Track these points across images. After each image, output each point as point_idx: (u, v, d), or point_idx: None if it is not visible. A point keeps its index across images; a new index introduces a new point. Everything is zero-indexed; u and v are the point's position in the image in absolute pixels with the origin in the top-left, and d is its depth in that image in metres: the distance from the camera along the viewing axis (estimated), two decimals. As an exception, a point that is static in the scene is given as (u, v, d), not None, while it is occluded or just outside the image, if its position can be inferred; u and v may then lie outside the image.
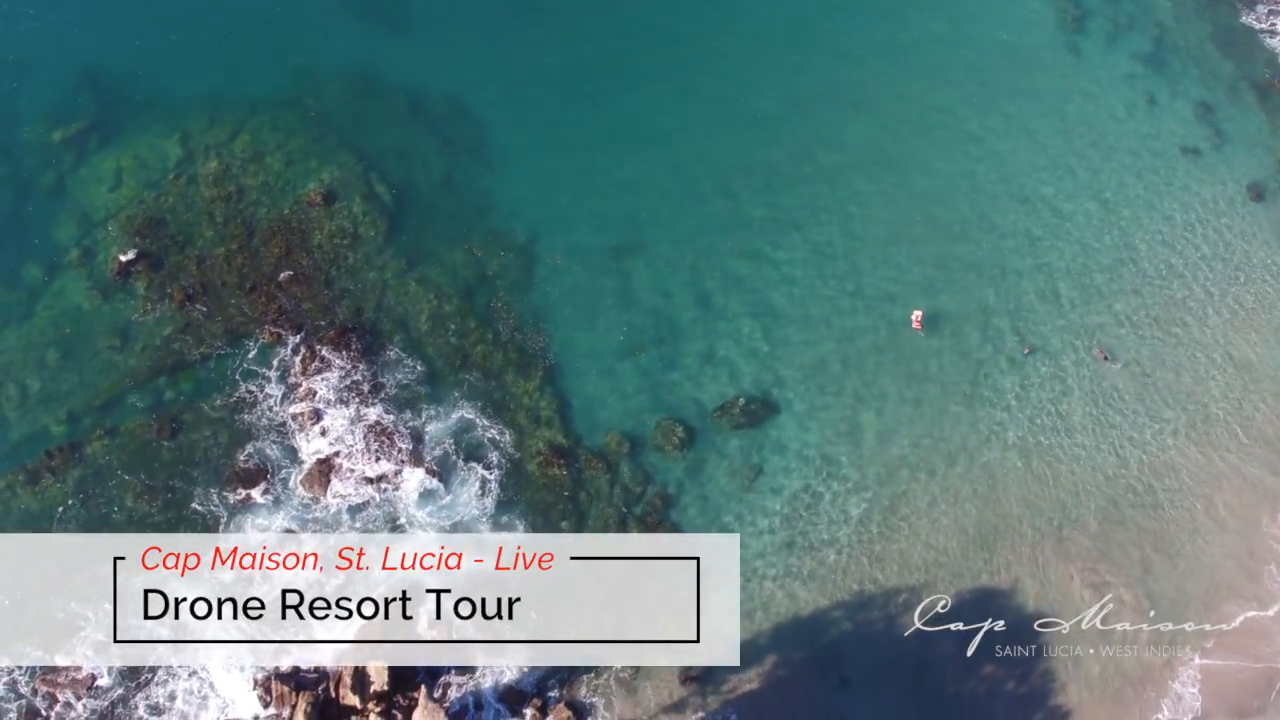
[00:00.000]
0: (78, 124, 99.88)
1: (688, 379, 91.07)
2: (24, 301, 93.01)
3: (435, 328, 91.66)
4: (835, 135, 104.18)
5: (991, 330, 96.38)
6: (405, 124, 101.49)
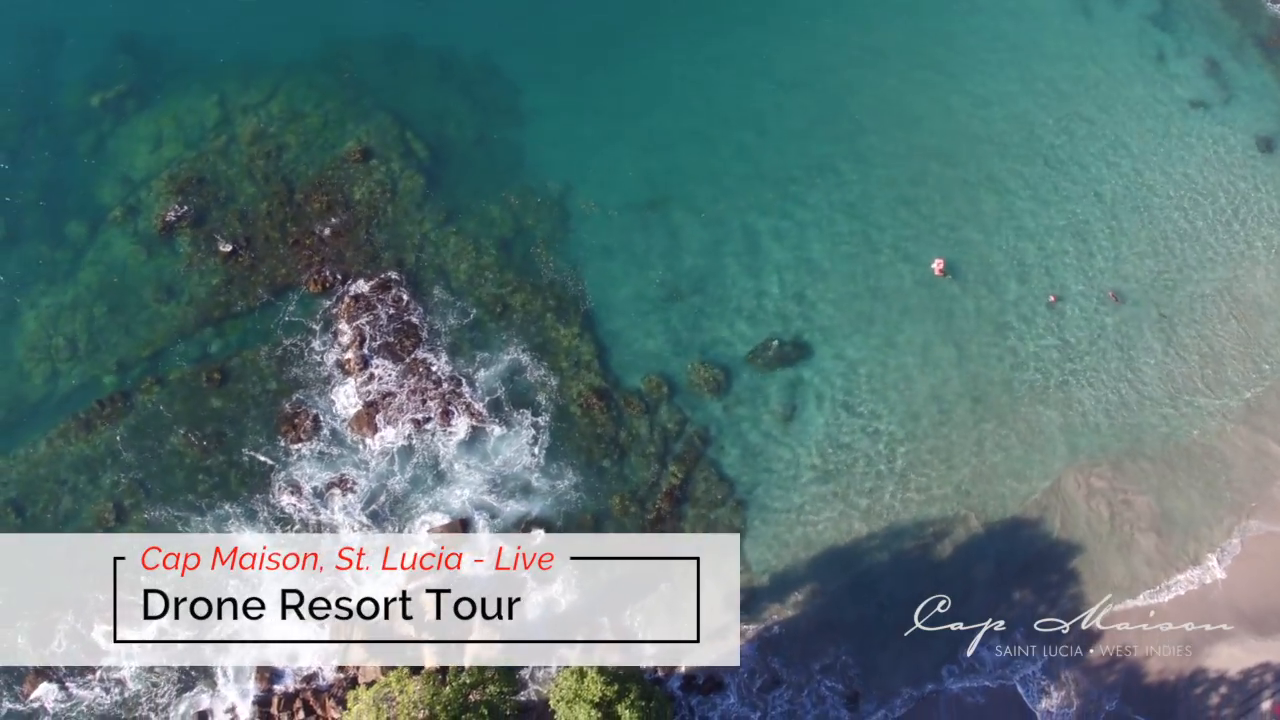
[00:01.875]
0: (116, 88, 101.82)
1: (721, 323, 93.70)
2: (69, 259, 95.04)
3: (475, 277, 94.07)
4: (853, 95, 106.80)
5: (1011, 277, 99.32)
6: (437, 85, 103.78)
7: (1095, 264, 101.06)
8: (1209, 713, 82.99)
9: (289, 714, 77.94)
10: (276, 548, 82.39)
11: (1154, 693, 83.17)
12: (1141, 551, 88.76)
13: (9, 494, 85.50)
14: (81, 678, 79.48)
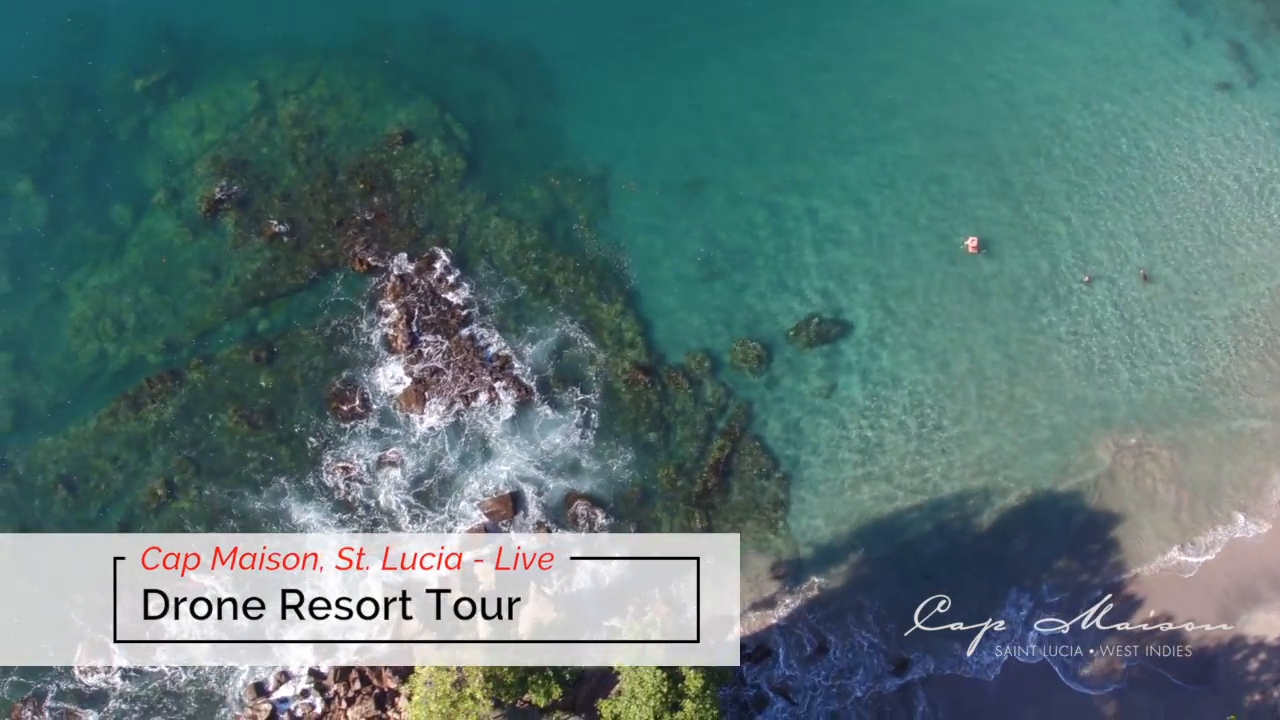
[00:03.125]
0: (157, 73, 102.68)
1: (761, 301, 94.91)
2: (114, 241, 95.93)
3: (518, 256, 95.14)
4: (885, 77, 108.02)
5: (1044, 255, 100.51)
6: (476, 68, 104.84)
7: (1127, 243, 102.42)
8: (1248, 678, 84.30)
9: (345, 685, 78.83)
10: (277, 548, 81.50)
11: (1193, 660, 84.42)
12: (1174, 516, 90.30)
13: (60, 471, 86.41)
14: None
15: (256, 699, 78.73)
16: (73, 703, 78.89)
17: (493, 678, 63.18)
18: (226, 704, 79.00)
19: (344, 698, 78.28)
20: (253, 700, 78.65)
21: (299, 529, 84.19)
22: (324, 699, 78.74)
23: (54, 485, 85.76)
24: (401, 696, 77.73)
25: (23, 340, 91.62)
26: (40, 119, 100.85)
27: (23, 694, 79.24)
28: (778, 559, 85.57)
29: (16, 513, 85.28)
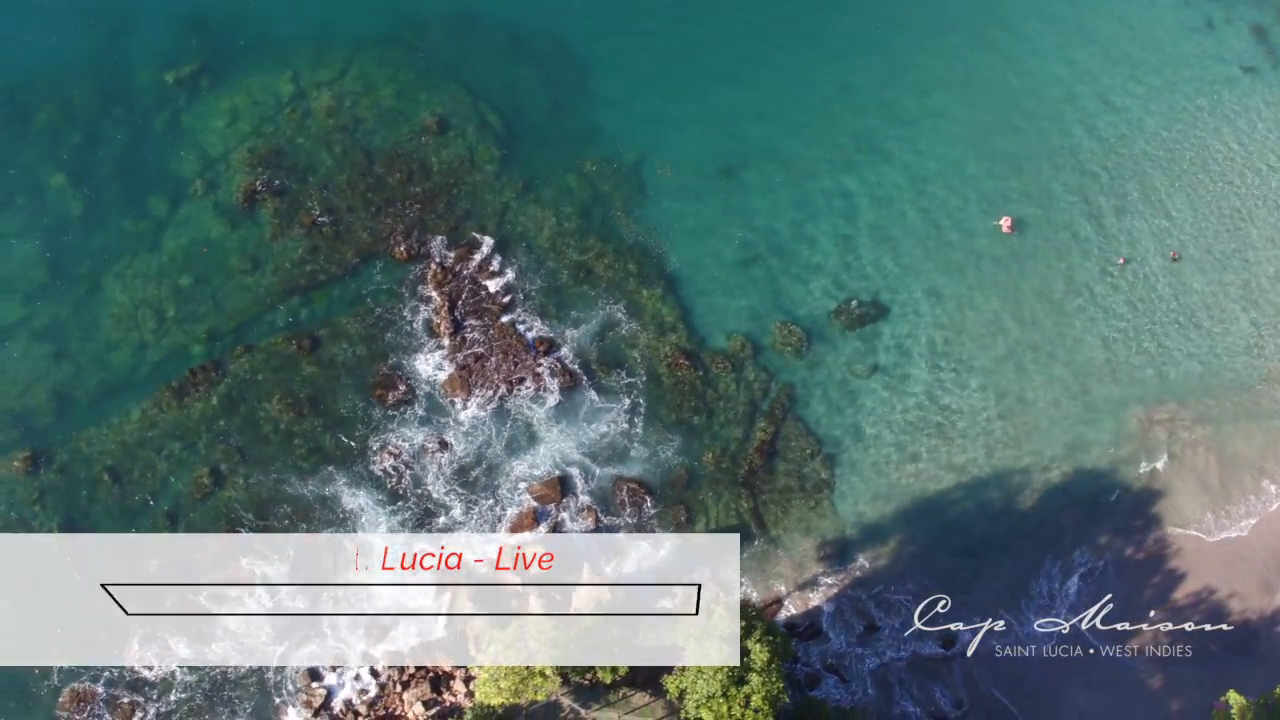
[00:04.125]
0: (189, 66, 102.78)
1: (800, 284, 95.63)
2: (151, 232, 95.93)
3: (557, 243, 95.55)
4: (918, 58, 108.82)
5: (1077, 234, 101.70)
6: (508, 58, 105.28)
7: (1157, 223, 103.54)
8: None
9: (398, 669, 78.96)
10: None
11: (1235, 632, 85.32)
12: (1207, 488, 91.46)
13: (105, 462, 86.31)
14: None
15: (311, 684, 78.78)
16: (129, 691, 78.77)
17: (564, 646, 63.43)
18: (282, 690, 79.03)
19: (398, 681, 78.41)
20: (307, 685, 78.71)
21: (348, 515, 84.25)
22: (378, 683, 78.82)
23: (100, 476, 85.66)
24: (457, 679, 78.01)
25: (62, 332, 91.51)
26: (72, 113, 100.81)
27: (75, 681, 79.18)
28: (824, 539, 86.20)
29: (63, 503, 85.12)
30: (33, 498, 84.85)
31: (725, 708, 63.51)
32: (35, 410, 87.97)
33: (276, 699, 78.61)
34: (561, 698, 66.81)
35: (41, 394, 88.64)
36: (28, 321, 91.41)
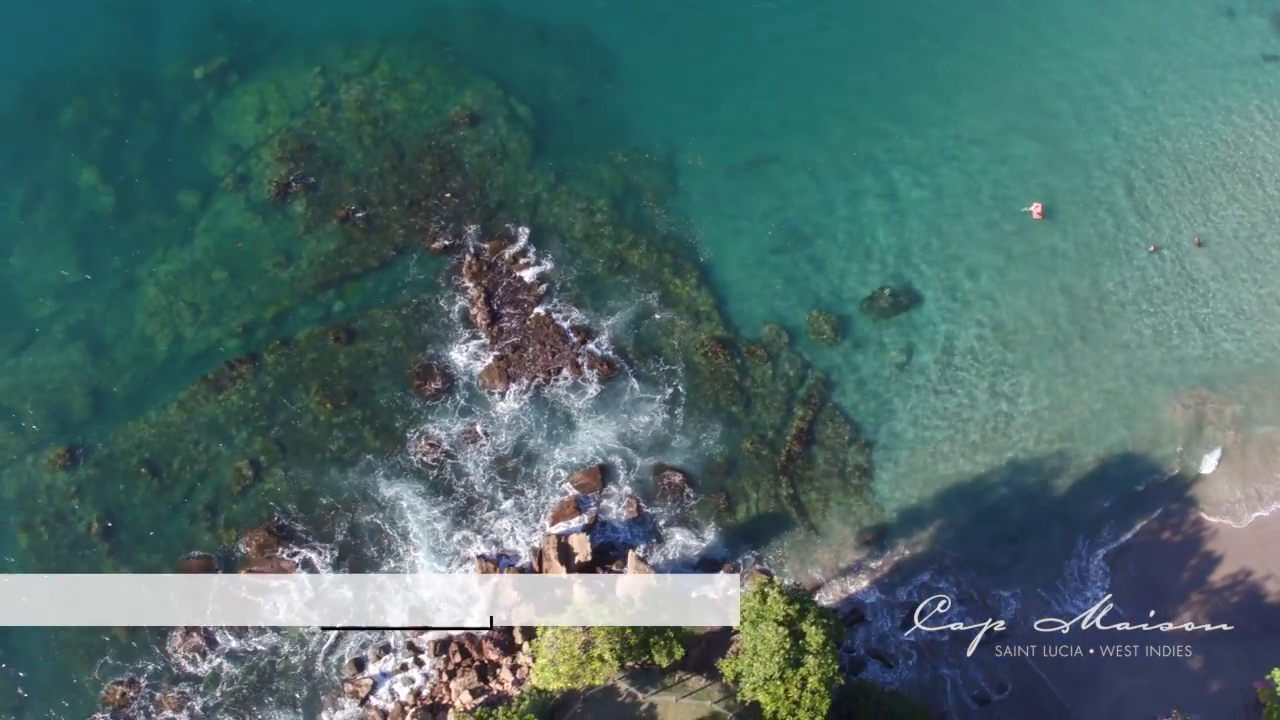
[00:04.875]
0: (217, 60, 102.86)
1: (833, 273, 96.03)
2: (183, 227, 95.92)
3: (591, 234, 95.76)
4: (947, 52, 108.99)
5: (1107, 220, 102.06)
6: (536, 51, 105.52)
7: (1184, 211, 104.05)
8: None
9: (444, 659, 79.04)
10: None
11: (1275, 609, 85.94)
12: (1241, 469, 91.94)
13: (143, 456, 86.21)
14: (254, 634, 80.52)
15: (357, 674, 78.76)
16: (173, 684, 78.67)
17: (620, 639, 63.63)
18: (328, 681, 78.99)
19: (444, 671, 78.44)
20: (353, 675, 78.68)
21: (389, 506, 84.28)
22: (423, 673, 78.85)
23: (138, 470, 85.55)
24: (503, 668, 78.08)
25: (96, 327, 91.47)
26: (100, 108, 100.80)
27: (118, 676, 79.04)
28: (863, 525, 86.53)
29: (101, 498, 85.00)
30: (70, 493, 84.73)
31: (782, 690, 63.73)
32: (71, 405, 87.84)
33: (323, 690, 78.61)
34: (618, 682, 66.96)
35: (77, 389, 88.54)
36: (61, 317, 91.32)
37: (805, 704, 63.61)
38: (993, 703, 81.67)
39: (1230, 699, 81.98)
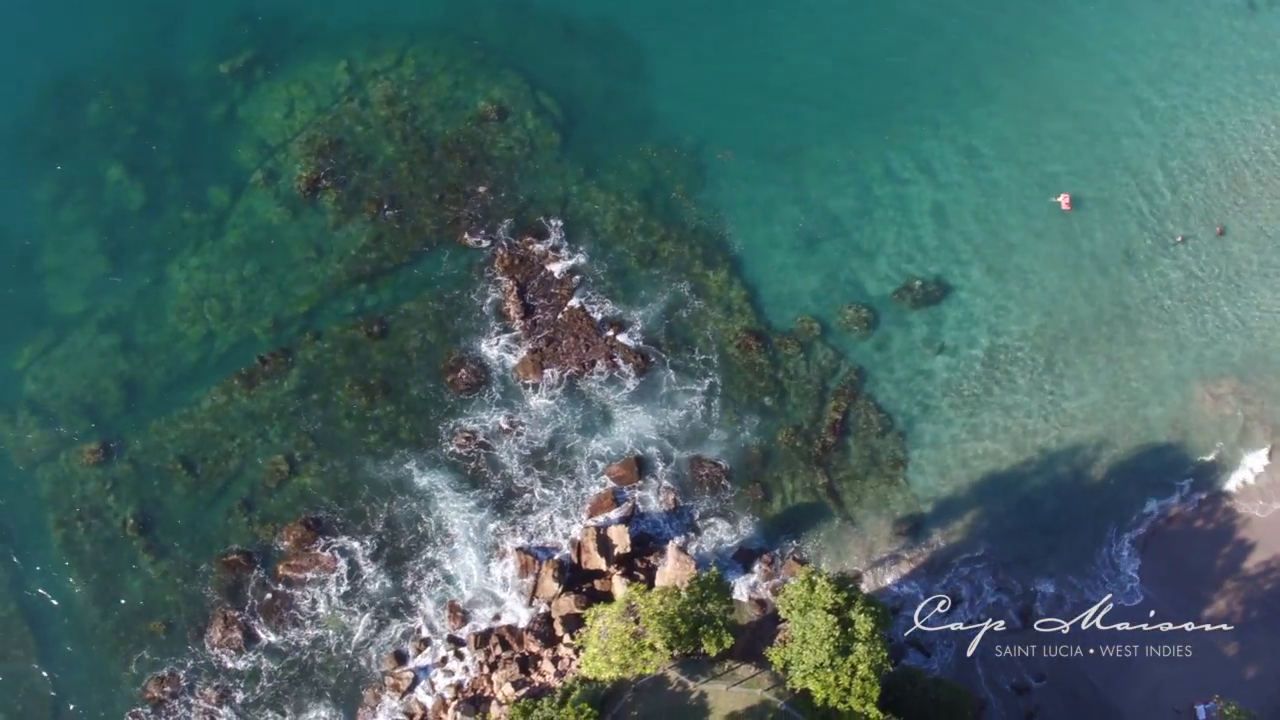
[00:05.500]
0: (243, 56, 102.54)
1: (863, 264, 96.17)
2: (213, 222, 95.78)
3: (621, 227, 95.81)
4: (973, 42, 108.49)
5: (1133, 211, 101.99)
6: (562, 45, 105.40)
7: (1212, 201, 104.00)
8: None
9: (485, 651, 79.06)
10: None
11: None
12: (1272, 457, 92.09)
13: (178, 451, 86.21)
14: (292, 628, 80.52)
15: (398, 667, 78.76)
16: (212, 678, 78.61)
17: (671, 628, 63.71)
18: (368, 674, 78.99)
19: (485, 663, 78.47)
20: (393, 669, 78.68)
21: (426, 500, 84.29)
22: (463, 665, 78.86)
23: (172, 465, 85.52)
24: (544, 660, 78.12)
25: (127, 323, 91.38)
26: (126, 105, 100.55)
27: (157, 670, 78.98)
28: (899, 515, 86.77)
29: (136, 493, 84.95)
30: (105, 488, 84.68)
31: (833, 677, 63.87)
32: (104, 401, 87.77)
33: (363, 683, 78.61)
34: (667, 671, 67.04)
35: (109, 384, 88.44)
36: (92, 313, 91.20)
37: (856, 691, 63.77)
38: (1031, 690, 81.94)
39: (1267, 685, 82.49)
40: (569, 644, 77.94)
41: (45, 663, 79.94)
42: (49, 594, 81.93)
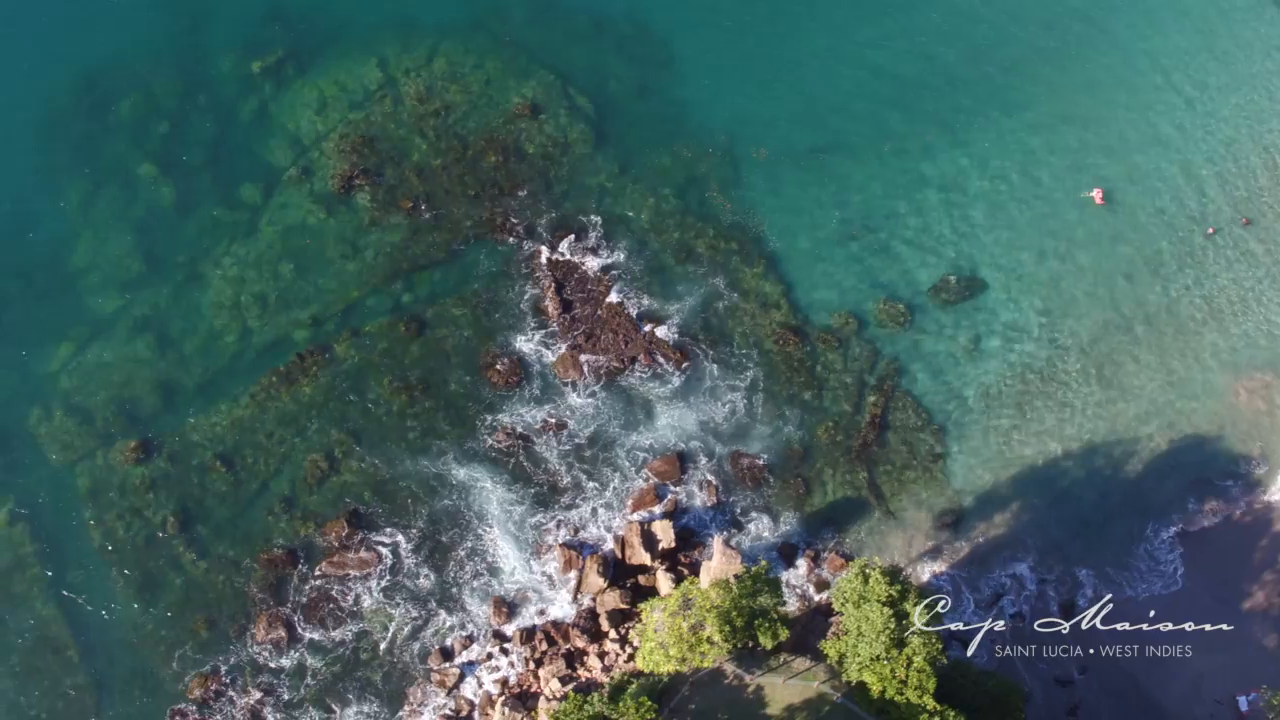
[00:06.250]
0: (273, 54, 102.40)
1: (898, 261, 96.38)
2: (246, 220, 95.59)
3: (657, 224, 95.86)
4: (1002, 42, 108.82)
5: (1167, 205, 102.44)
6: (592, 42, 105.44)
7: (1243, 193, 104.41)
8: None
9: (530, 647, 79.02)
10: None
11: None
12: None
13: (216, 449, 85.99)
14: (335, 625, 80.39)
15: (444, 663, 78.65)
16: (256, 675, 78.41)
17: (727, 621, 63.78)
18: (413, 671, 78.85)
19: (531, 659, 78.39)
20: (440, 665, 78.57)
21: (467, 496, 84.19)
22: (509, 661, 78.80)
23: (212, 463, 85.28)
24: (591, 655, 78.08)
25: (163, 321, 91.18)
26: (157, 102, 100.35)
27: (199, 668, 78.72)
28: (939, 509, 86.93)
29: (175, 491, 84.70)
30: (145, 486, 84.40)
31: (889, 670, 64.01)
32: (141, 399, 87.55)
33: (408, 680, 78.45)
34: (723, 664, 67.07)
35: (146, 383, 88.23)
36: (127, 310, 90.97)
37: (913, 683, 63.90)
38: (1074, 683, 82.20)
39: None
40: (614, 639, 77.91)
41: (86, 660, 79.61)
42: (88, 592, 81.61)
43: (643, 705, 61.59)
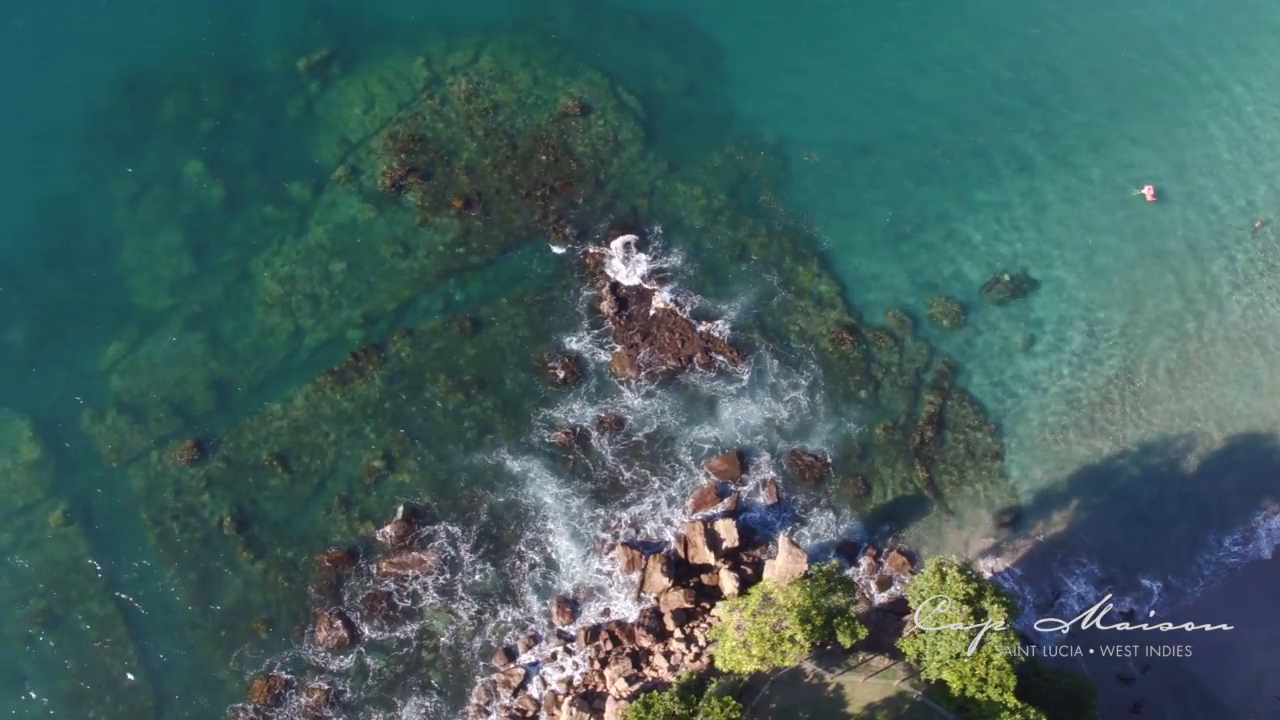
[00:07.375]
0: (319, 52, 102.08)
1: (950, 259, 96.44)
2: (296, 219, 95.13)
3: (709, 223, 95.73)
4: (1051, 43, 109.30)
5: (1216, 200, 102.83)
6: (638, 41, 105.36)
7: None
8: None
9: (595, 647, 78.67)
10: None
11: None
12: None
13: (272, 449, 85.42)
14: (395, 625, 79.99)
15: (508, 663, 78.26)
16: (318, 676, 77.89)
17: (808, 620, 63.57)
18: (477, 671, 78.43)
19: (596, 659, 78.05)
20: (504, 665, 78.18)
21: (526, 494, 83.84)
22: (574, 661, 78.45)
23: (268, 463, 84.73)
24: (656, 654, 77.77)
25: (214, 320, 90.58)
26: (201, 101, 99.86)
27: (258, 668, 78.16)
28: (998, 507, 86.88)
29: (231, 491, 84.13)
30: (200, 487, 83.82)
31: (969, 667, 63.88)
32: (194, 399, 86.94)
33: (471, 682, 77.99)
34: (804, 664, 66.87)
35: (199, 382, 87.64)
36: (178, 310, 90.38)
37: (993, 680, 63.80)
38: (1135, 681, 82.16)
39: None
40: (680, 638, 77.63)
41: (143, 661, 78.94)
42: (145, 593, 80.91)
43: (728, 705, 61.32)
